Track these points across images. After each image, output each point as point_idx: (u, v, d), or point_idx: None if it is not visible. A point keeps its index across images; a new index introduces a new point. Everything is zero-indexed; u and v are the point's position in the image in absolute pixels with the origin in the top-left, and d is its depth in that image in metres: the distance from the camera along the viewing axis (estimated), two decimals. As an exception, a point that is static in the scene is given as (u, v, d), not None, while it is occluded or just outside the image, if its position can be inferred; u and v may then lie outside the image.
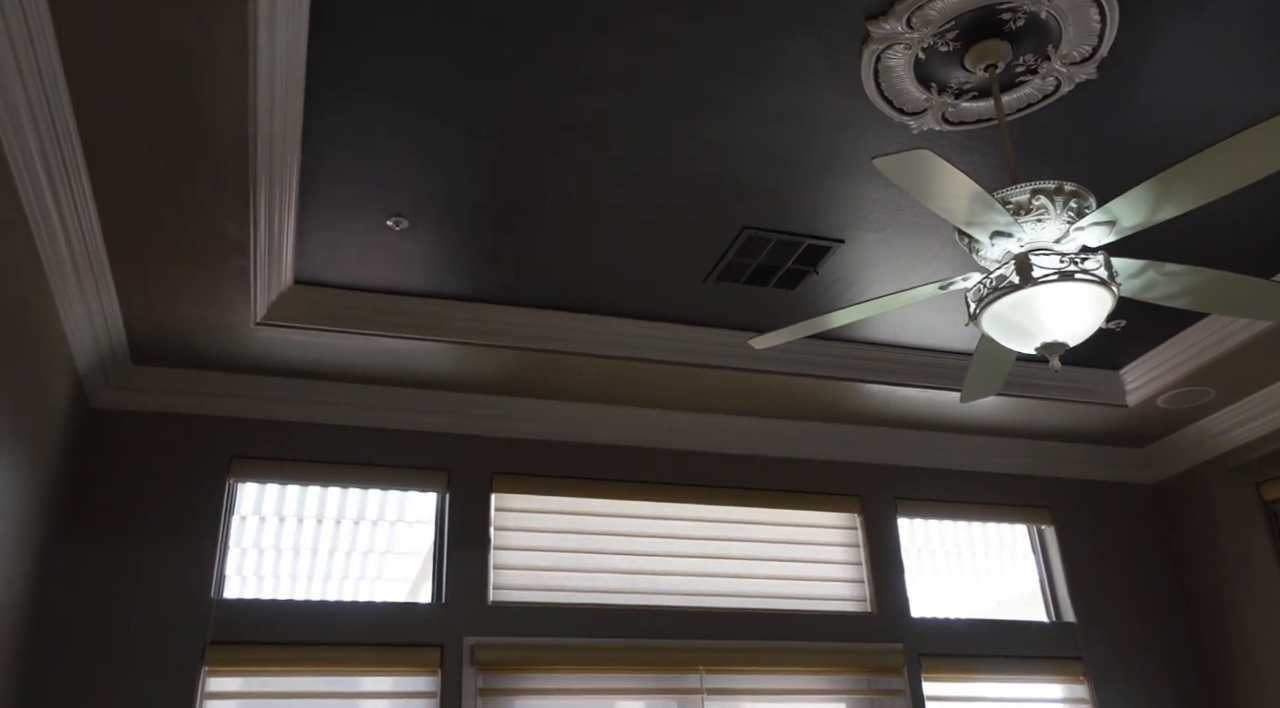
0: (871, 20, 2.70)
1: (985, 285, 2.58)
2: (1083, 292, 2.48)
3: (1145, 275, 2.70)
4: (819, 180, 3.36)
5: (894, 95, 2.97)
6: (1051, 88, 2.95)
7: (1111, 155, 3.25)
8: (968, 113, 3.04)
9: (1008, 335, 2.58)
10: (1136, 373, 4.67)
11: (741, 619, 4.44)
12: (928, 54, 2.81)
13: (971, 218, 2.46)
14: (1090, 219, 2.48)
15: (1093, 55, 2.82)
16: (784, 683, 4.36)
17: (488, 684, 4.04)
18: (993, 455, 5.11)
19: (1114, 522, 5.22)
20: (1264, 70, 2.91)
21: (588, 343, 4.12)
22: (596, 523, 4.53)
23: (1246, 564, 4.81)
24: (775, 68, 2.86)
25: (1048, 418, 4.90)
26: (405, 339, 3.95)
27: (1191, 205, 2.37)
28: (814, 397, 4.58)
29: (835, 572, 4.75)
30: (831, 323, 2.95)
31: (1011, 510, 5.10)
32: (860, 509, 4.85)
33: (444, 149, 3.14)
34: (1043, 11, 2.67)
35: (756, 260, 3.79)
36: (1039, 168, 3.29)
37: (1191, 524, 5.13)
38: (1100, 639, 4.87)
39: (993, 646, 4.69)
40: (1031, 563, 5.14)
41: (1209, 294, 2.74)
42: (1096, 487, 5.28)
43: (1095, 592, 5.00)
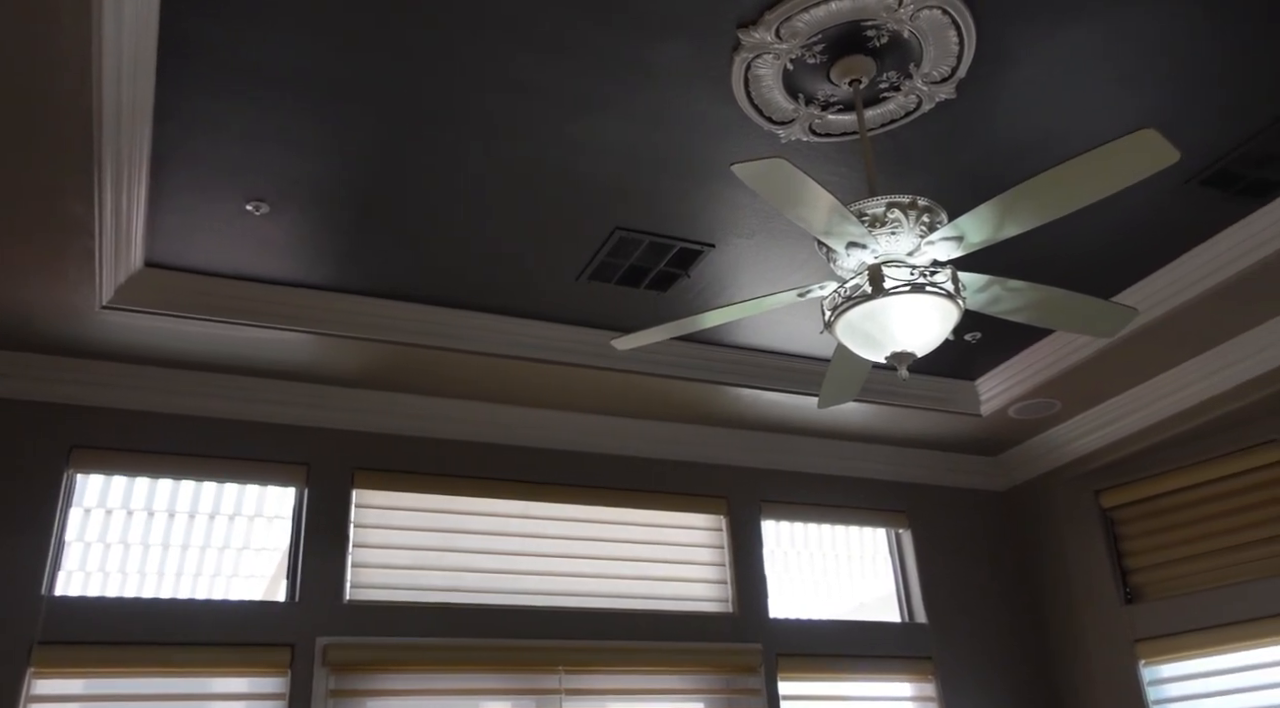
0: (742, 28, 2.74)
1: (839, 294, 2.64)
2: (931, 304, 2.56)
3: (990, 290, 2.81)
4: (691, 184, 3.39)
5: (763, 104, 3.02)
6: (913, 105, 3.05)
7: (968, 173, 3.38)
8: (834, 125, 3.12)
9: (859, 344, 2.65)
10: (990, 384, 4.88)
11: (602, 619, 4.44)
12: (796, 65, 2.86)
13: (827, 228, 2.51)
14: (940, 234, 2.57)
15: (951, 75, 2.93)
16: (643, 683, 4.38)
17: (340, 686, 3.94)
18: (855, 460, 5.26)
19: (966, 527, 5.44)
20: (1110, 97, 3.06)
21: (456, 338, 4.06)
22: (461, 521, 4.46)
23: (1085, 568, 5.07)
24: (650, 70, 2.87)
25: (907, 425, 5.07)
26: (265, 328, 3.81)
27: (1032, 224, 2.48)
28: (683, 399, 4.62)
29: (699, 573, 4.80)
30: (692, 326, 2.98)
31: (871, 514, 5.25)
32: (726, 511, 4.92)
33: (309, 133, 3.04)
34: (905, 31, 2.76)
35: (629, 261, 3.80)
36: (900, 182, 3.40)
37: (1037, 530, 5.38)
38: (949, 639, 5.07)
39: (847, 645, 4.83)
40: (889, 566, 5.30)
41: (1049, 311, 2.88)
42: (951, 493, 5.49)
43: (946, 594, 5.19)
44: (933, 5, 2.66)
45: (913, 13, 2.69)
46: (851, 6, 2.66)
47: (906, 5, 2.66)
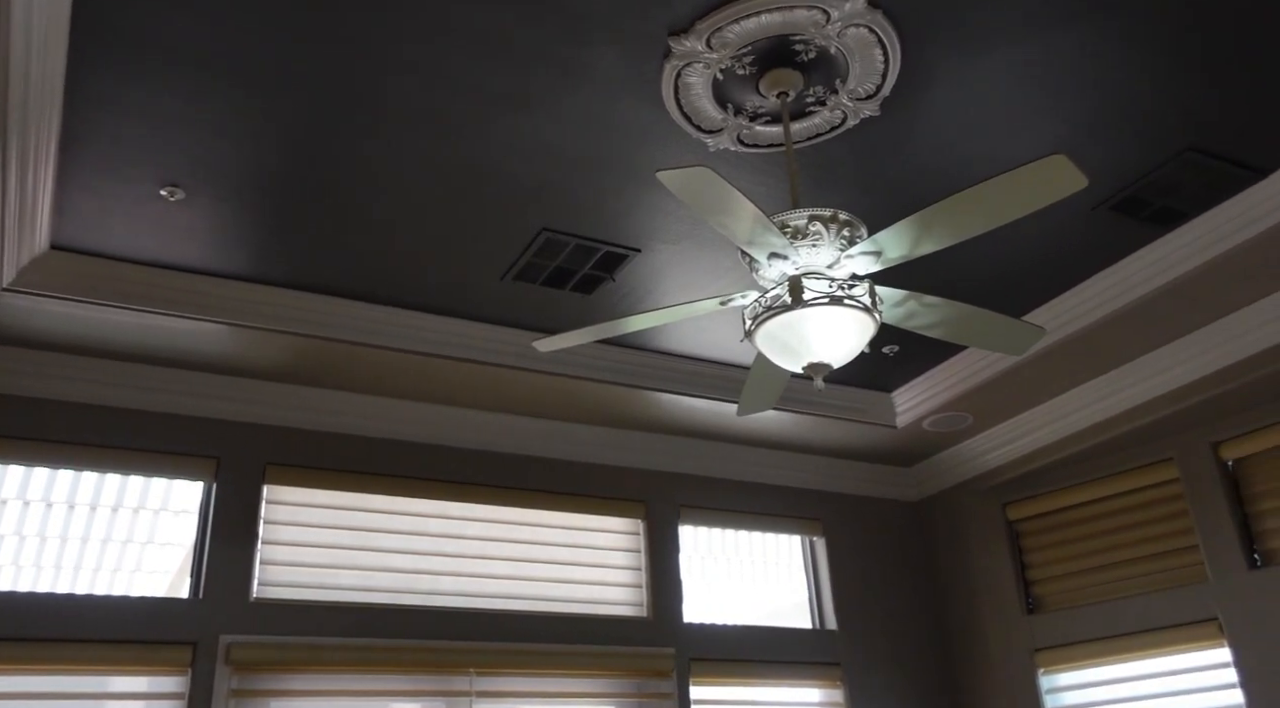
0: (674, 36, 2.75)
1: (760, 304, 2.67)
2: (848, 316, 2.61)
3: (906, 305, 2.87)
4: (619, 188, 3.40)
5: (693, 112, 3.04)
6: (839, 120, 3.10)
7: (889, 190, 3.45)
8: (761, 136, 3.15)
9: (778, 353, 2.69)
10: (906, 397, 4.98)
11: (515, 621, 4.42)
12: (725, 75, 2.89)
13: (750, 238, 2.54)
14: (859, 248, 2.62)
15: (876, 93, 2.98)
16: (554, 686, 4.37)
17: (242, 685, 3.85)
18: (772, 468, 5.32)
19: (879, 536, 5.54)
20: (1027, 122, 3.16)
21: (377, 334, 4.00)
22: (376, 520, 4.40)
23: (990, 579, 5.21)
24: (582, 72, 2.86)
25: (825, 435, 5.15)
26: (177, 317, 3.71)
27: (948, 242, 2.54)
28: (605, 402, 4.63)
29: (615, 577, 4.80)
30: (615, 330, 2.98)
31: (787, 521, 5.32)
32: (644, 515, 4.93)
33: (229, 118, 2.97)
34: (832, 47, 2.80)
35: (554, 263, 3.79)
36: (823, 196, 3.45)
37: (946, 540, 5.51)
38: (858, 646, 5.16)
39: (759, 651, 4.88)
40: (802, 573, 5.38)
41: (962, 327, 2.95)
42: (865, 502, 5.59)
43: (857, 601, 5.28)
44: (860, 24, 2.71)
45: (840, 30, 2.73)
46: (781, 21, 2.70)
47: (834, 22, 2.70)
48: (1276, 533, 4.27)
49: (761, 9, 2.66)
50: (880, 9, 2.69)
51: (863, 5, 2.65)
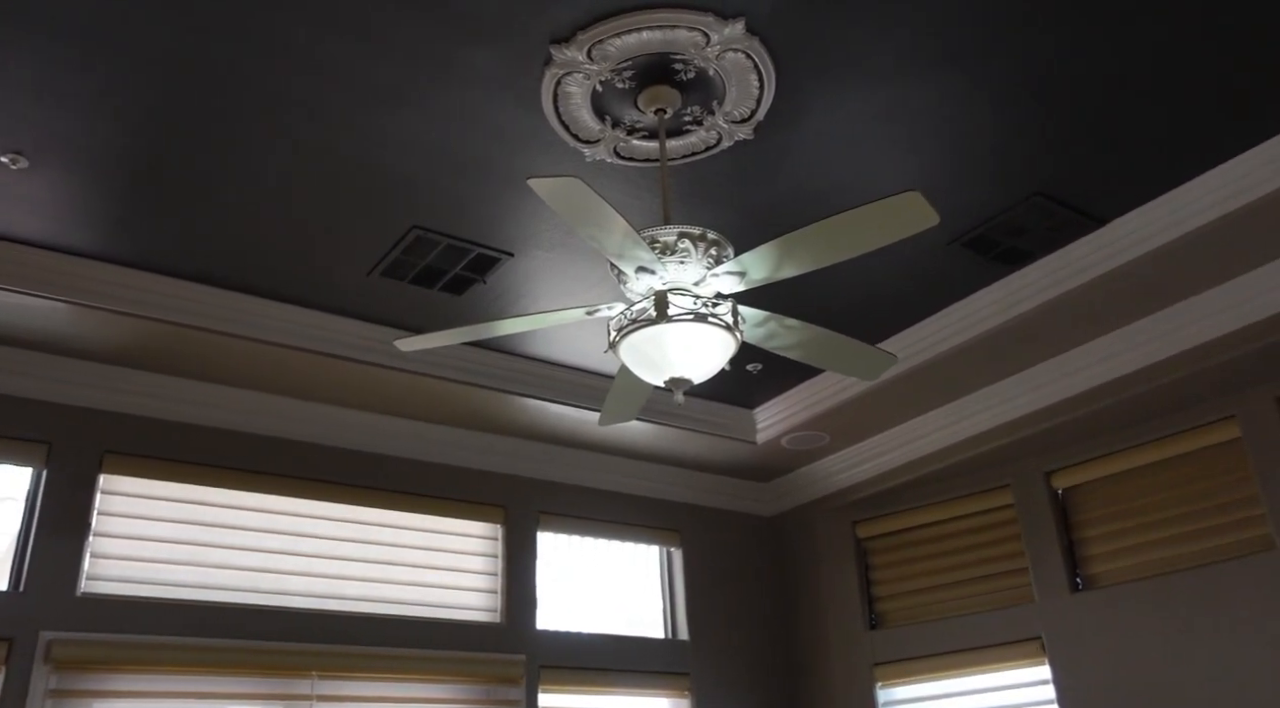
0: (555, 44, 2.76)
1: (626, 316, 2.70)
2: (710, 334, 2.66)
3: (768, 326, 2.94)
4: (495, 191, 3.37)
5: (571, 121, 3.05)
6: (714, 141, 3.16)
7: (759, 213, 3.53)
8: (637, 150, 3.19)
9: (640, 366, 2.72)
10: (767, 414, 5.11)
11: (362, 624, 4.32)
12: (605, 88, 2.91)
13: (619, 251, 2.56)
14: (725, 267, 2.68)
15: (751, 117, 3.06)
16: (399, 691, 4.29)
17: (62, 685, 3.63)
18: (633, 478, 5.37)
19: (734, 549, 5.65)
20: (891, 157, 3.29)
21: (231, 321, 3.86)
22: (220, 515, 4.23)
23: (837, 594, 5.39)
24: (462, 71, 2.84)
25: (686, 447, 5.22)
26: (10, 291, 3.49)
27: (808, 268, 2.62)
28: (468, 405, 4.58)
29: (469, 581, 4.75)
30: (482, 333, 2.96)
31: (646, 531, 5.37)
32: (503, 520, 4.90)
33: (78, 87, 2.81)
34: (711, 69, 2.86)
35: (424, 261, 3.74)
36: (694, 214, 3.51)
37: (798, 555, 5.67)
38: (707, 657, 5.24)
39: (610, 660, 4.91)
40: (658, 582, 5.43)
41: (819, 350, 3.04)
42: (722, 515, 5.70)
43: (710, 612, 5.37)
44: (738, 49, 2.78)
45: (719, 53, 2.79)
46: (662, 39, 2.74)
47: (714, 45, 2.76)
48: (1098, 559, 4.56)
49: (643, 26, 2.70)
50: (758, 37, 2.76)
51: (741, 31, 2.72)
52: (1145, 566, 4.37)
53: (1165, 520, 4.36)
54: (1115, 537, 4.51)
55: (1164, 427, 4.40)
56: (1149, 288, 3.84)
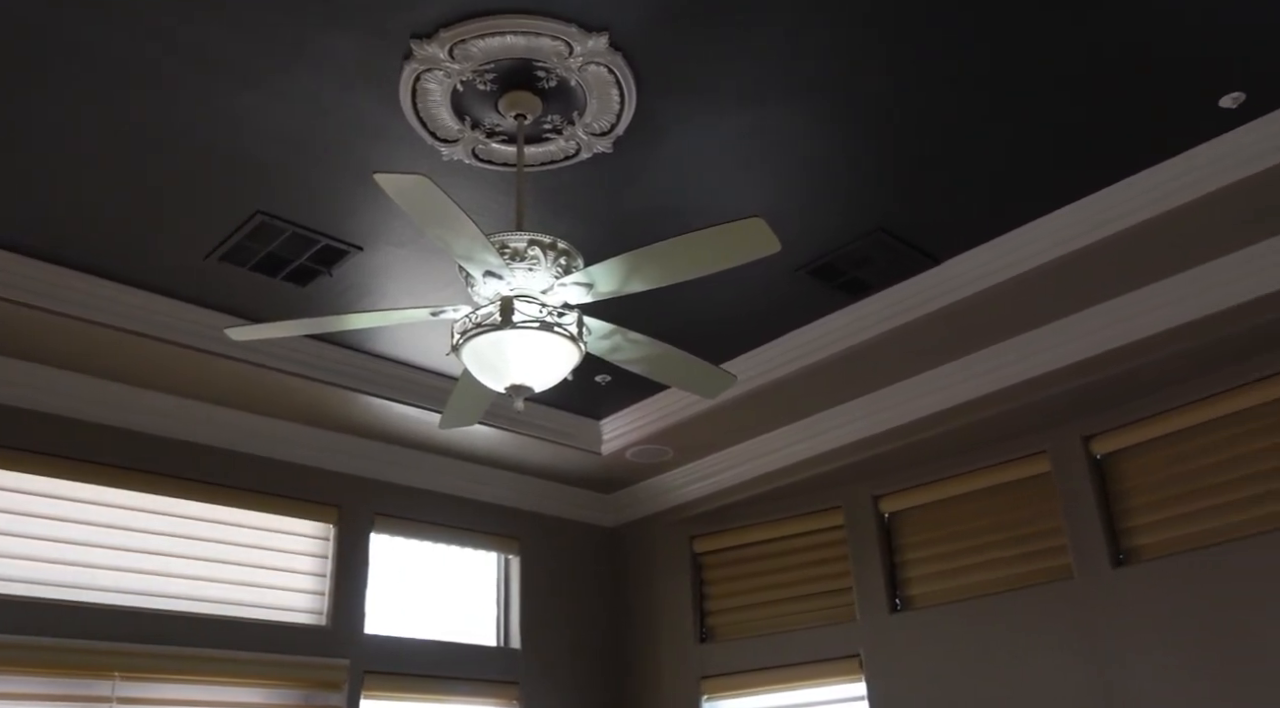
0: (416, 39, 2.71)
1: (470, 320, 2.67)
2: (554, 343, 2.66)
3: (613, 339, 2.97)
4: (347, 182, 3.28)
5: (429, 118, 3.00)
6: (573, 151, 3.17)
7: (612, 226, 3.56)
8: (496, 153, 3.17)
9: (482, 370, 2.69)
10: (613, 425, 5.14)
11: (174, 623, 4.10)
12: (466, 88, 2.88)
13: (466, 253, 2.54)
14: (573, 278, 2.69)
15: (610, 131, 3.08)
16: (211, 695, 4.10)
17: None
18: (476, 483, 5.30)
19: (574, 558, 5.66)
20: (744, 182, 3.37)
21: (51, 297, 3.62)
22: (20, 502, 3.94)
23: (671, 607, 5.46)
24: (318, 57, 2.75)
25: (531, 455, 5.20)
26: None
27: (654, 285, 2.65)
28: (308, 400, 4.43)
29: (295, 582, 4.59)
30: (320, 327, 2.87)
31: (485, 538, 5.32)
32: (336, 520, 4.76)
33: (-111, 32, 2.59)
34: (573, 80, 2.87)
35: (267, 249, 3.60)
36: (549, 222, 3.51)
37: (636, 567, 5.72)
38: (538, 666, 5.22)
39: (438, 666, 4.82)
40: (494, 589, 5.38)
41: (662, 366, 3.09)
42: (564, 524, 5.69)
43: (544, 621, 5.36)
44: (600, 62, 2.80)
45: (582, 64, 2.80)
46: (525, 45, 2.73)
47: (576, 56, 2.77)
48: (917, 581, 4.77)
49: (507, 30, 2.68)
50: (621, 52, 2.78)
51: (604, 45, 2.74)
52: (959, 589, 4.60)
53: (979, 547, 4.61)
54: (933, 561, 4.74)
55: (982, 458, 4.65)
56: (977, 326, 4.06)
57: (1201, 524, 3.96)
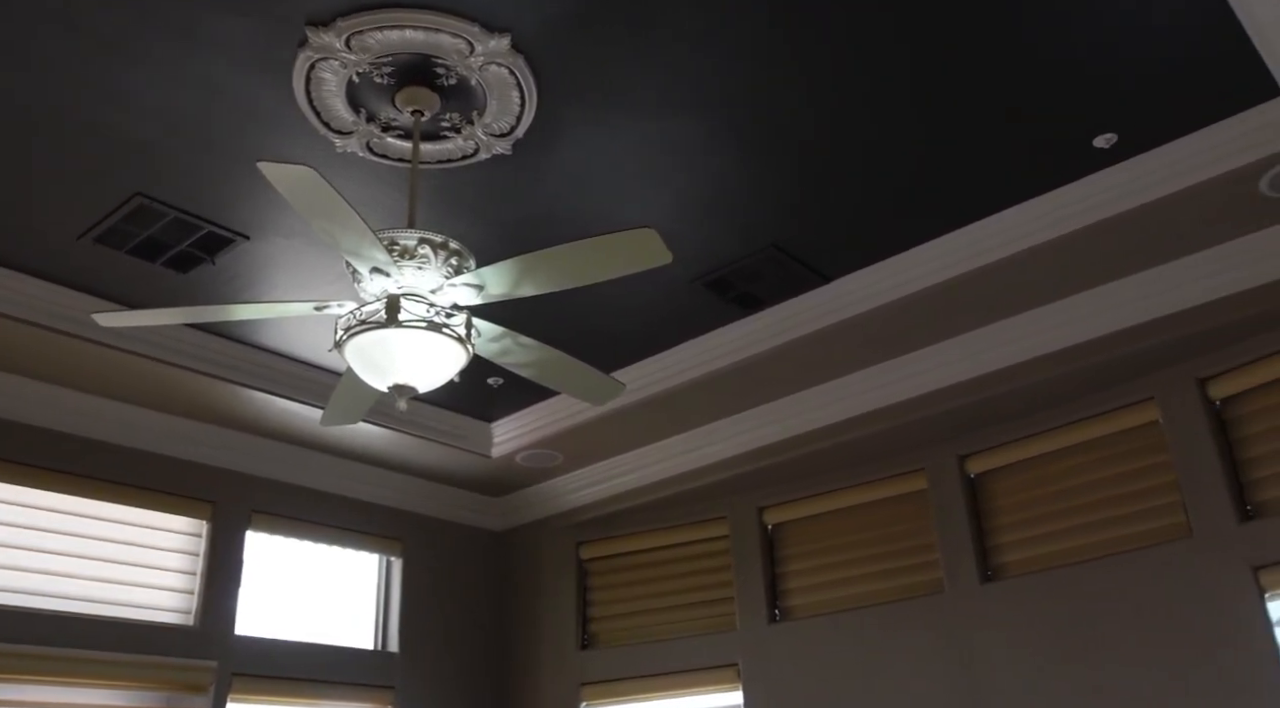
0: (311, 27, 2.65)
1: (355, 316, 2.62)
2: (441, 344, 2.62)
3: (503, 342, 2.95)
4: (235, 168, 3.18)
5: (323, 108, 2.94)
6: (471, 150, 3.14)
7: (508, 228, 3.54)
8: (391, 148, 3.11)
9: (365, 368, 2.64)
10: (504, 429, 5.10)
11: (26, 621, 3.89)
12: (362, 80, 2.83)
13: (353, 249, 2.49)
14: (463, 278, 2.66)
15: (510, 133, 3.06)
16: (67, 697, 3.90)
17: None
18: (360, 482, 5.19)
19: (459, 562, 5.58)
20: (644, 192, 3.39)
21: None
22: None
23: (555, 614, 5.43)
24: (209, 38, 2.66)
25: (419, 455, 5.12)
26: None
27: (547, 289, 2.65)
28: (186, 391, 4.27)
29: (164, 579, 4.41)
30: (198, 316, 2.78)
31: (368, 539, 5.21)
32: (210, 516, 4.59)
33: None
34: (473, 79, 2.84)
35: (146, 232, 3.46)
36: (443, 221, 3.47)
37: (522, 573, 5.68)
38: (416, 671, 5.13)
39: (310, 669, 4.69)
40: (374, 591, 5.27)
41: (551, 371, 3.08)
42: (450, 527, 5.62)
43: (426, 626, 5.27)
44: (501, 63, 2.78)
45: (482, 64, 2.78)
46: (425, 40, 2.69)
47: (477, 55, 2.75)
48: (796, 592, 4.86)
49: (406, 24, 2.64)
50: (523, 54, 2.77)
51: (506, 46, 2.72)
52: (837, 601, 4.71)
53: (858, 560, 4.72)
54: (813, 572, 4.84)
55: (864, 474, 4.77)
56: (862, 345, 4.17)
57: (1060, 544, 4.14)
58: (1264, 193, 3.28)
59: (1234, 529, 3.65)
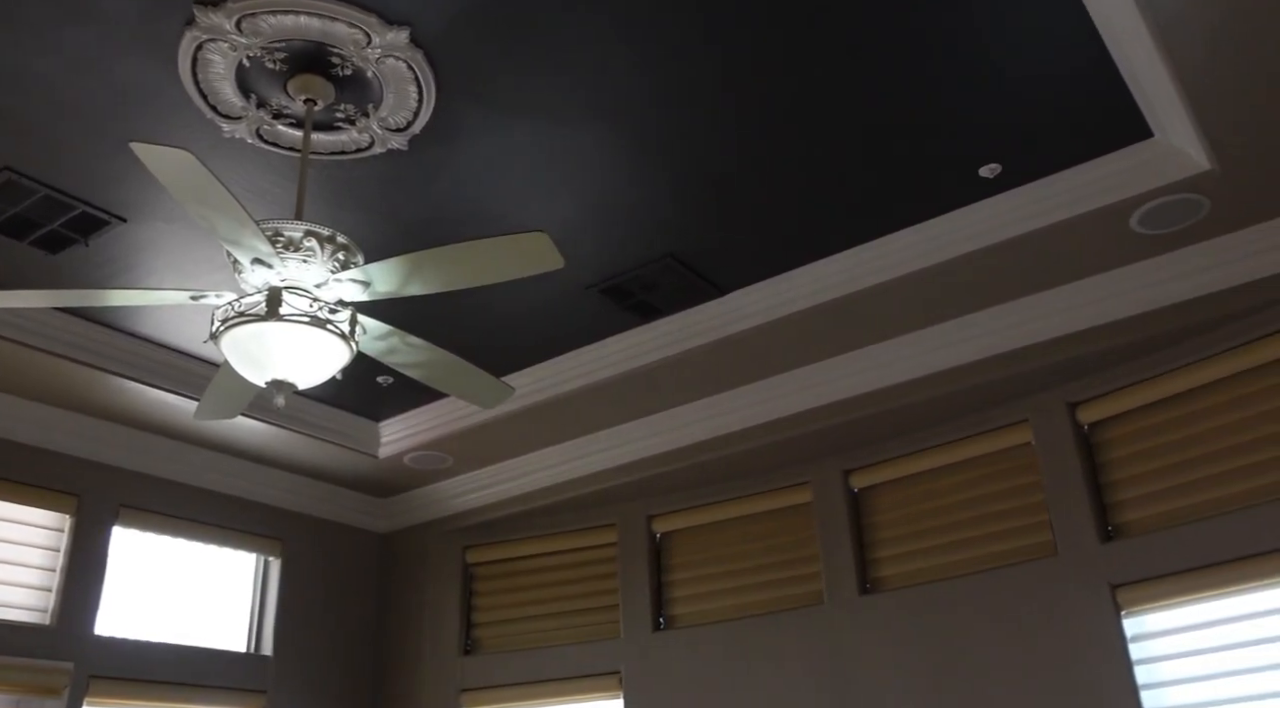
0: (200, 6, 2.55)
1: (233, 307, 2.53)
2: (322, 340, 2.55)
3: (390, 341, 2.89)
4: (113, 147, 3.04)
5: (210, 91, 2.83)
6: (365, 143, 3.07)
7: (401, 226, 3.47)
8: (282, 136, 3.02)
9: (242, 362, 2.55)
10: (393, 429, 5.00)
11: None
12: (253, 64, 2.74)
13: (232, 237, 2.40)
14: (349, 274, 2.59)
15: (407, 128, 3.00)
16: (-100, 698, 3.67)
17: None
18: (239, 479, 5.01)
19: (341, 564, 5.44)
20: (542, 196, 3.36)
21: None
22: None
23: (438, 619, 5.34)
24: (90, 9, 2.53)
25: (302, 453, 4.97)
26: None
27: (435, 289, 2.60)
28: (52, 378, 4.06)
29: (22, 575, 4.18)
30: (66, 300, 2.64)
31: (245, 537, 5.03)
32: (75, 511, 4.37)
33: None
34: (370, 71, 2.78)
35: (14, 210, 3.29)
36: (334, 214, 3.38)
37: (406, 576, 5.56)
38: (291, 674, 4.98)
39: (176, 672, 4.51)
40: (250, 592, 5.10)
41: (440, 372, 3.03)
42: (333, 527, 5.47)
43: (303, 628, 5.12)
44: (400, 57, 2.73)
45: (380, 57, 2.72)
46: (320, 28, 2.62)
47: (375, 47, 2.69)
48: (681, 601, 4.88)
49: (301, 9, 2.57)
50: (422, 50, 2.72)
51: (405, 40, 2.67)
52: (720, 610, 4.75)
53: (742, 570, 4.77)
54: (698, 582, 4.87)
55: (752, 485, 4.82)
56: (753, 359, 4.22)
57: (935, 560, 4.26)
58: (1135, 229, 3.45)
59: (1095, 549, 3.81)
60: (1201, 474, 3.70)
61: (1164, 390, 3.84)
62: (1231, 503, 3.59)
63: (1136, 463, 3.88)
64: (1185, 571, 3.60)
